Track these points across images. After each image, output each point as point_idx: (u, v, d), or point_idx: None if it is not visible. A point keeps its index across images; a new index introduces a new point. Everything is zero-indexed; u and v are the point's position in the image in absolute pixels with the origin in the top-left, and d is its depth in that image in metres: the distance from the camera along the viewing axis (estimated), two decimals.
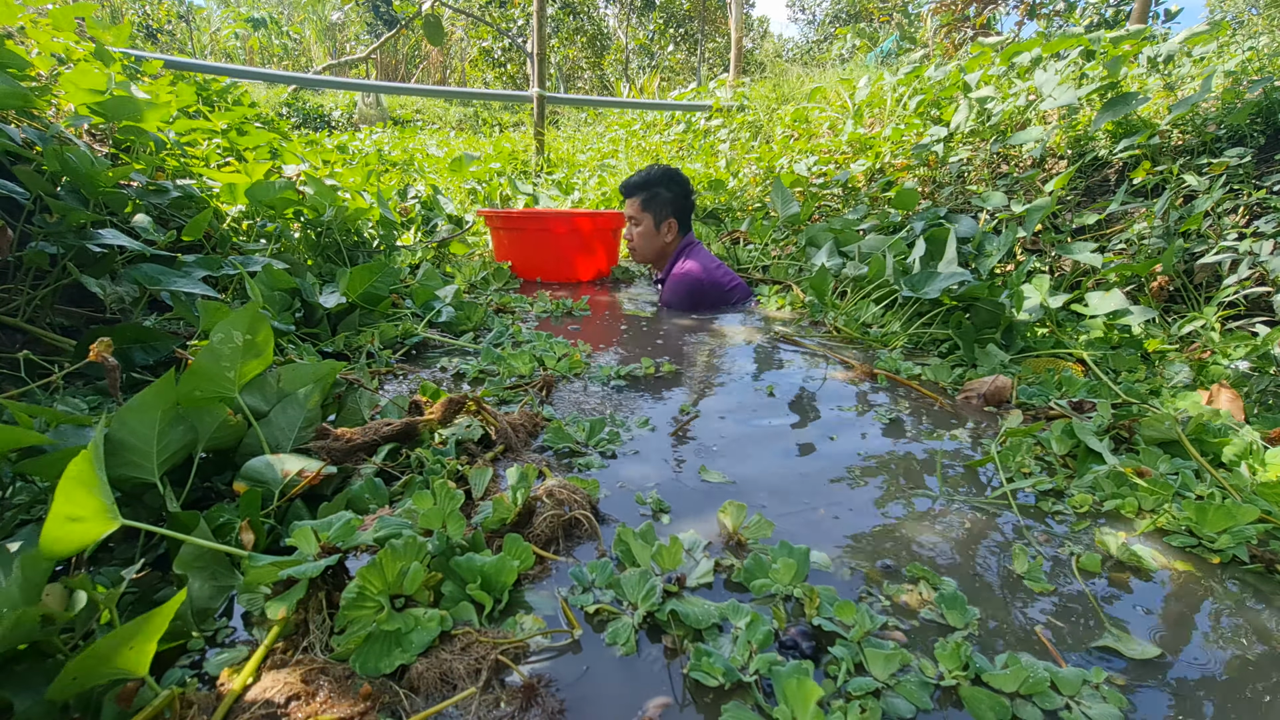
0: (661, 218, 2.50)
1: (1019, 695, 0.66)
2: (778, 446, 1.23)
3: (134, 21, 12.28)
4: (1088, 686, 0.67)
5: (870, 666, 0.69)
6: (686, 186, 2.51)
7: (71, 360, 1.27)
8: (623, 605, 0.76)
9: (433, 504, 0.86)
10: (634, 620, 0.73)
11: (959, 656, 0.69)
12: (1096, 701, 0.66)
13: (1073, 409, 1.36)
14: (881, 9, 13.28)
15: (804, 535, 0.94)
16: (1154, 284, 2.09)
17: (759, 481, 1.09)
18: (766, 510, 1.00)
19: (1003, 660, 0.69)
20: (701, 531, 0.92)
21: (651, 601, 0.75)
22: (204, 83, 3.74)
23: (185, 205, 1.86)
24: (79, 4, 2.19)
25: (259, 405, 1.06)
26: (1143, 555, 0.90)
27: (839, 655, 0.69)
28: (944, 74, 3.76)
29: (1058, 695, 0.66)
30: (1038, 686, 0.65)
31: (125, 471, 0.83)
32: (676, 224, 2.51)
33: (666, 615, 0.73)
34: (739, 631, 0.71)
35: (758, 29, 22.48)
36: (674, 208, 2.49)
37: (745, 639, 0.70)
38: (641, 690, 0.66)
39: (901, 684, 0.67)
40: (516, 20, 12.99)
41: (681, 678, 0.67)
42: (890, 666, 0.68)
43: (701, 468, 1.12)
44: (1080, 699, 0.66)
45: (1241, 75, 2.70)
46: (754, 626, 0.71)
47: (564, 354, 1.65)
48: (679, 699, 0.65)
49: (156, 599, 0.78)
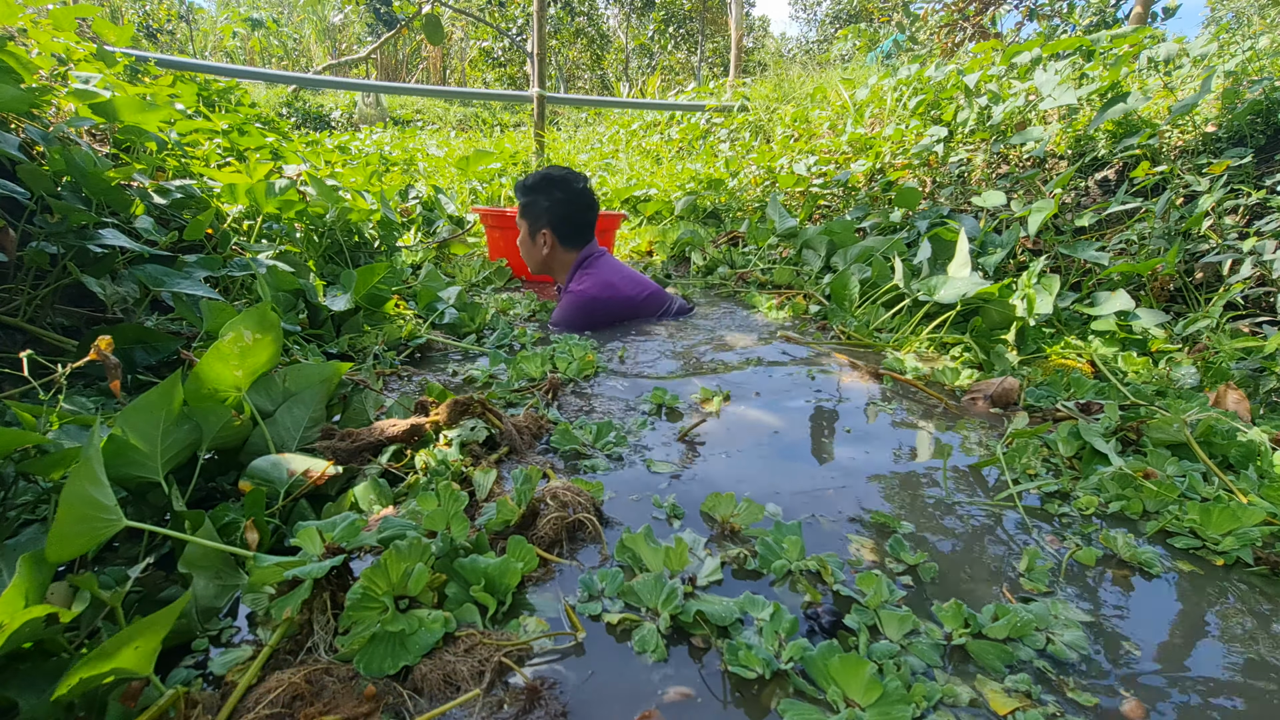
0: (536, 228, 2.22)
1: (1011, 639, 0.74)
2: (782, 448, 1.23)
3: (134, 22, 12.28)
4: (1054, 619, 0.77)
5: (886, 629, 0.75)
6: (574, 195, 2.20)
7: (73, 360, 1.27)
8: (642, 611, 0.77)
9: (437, 505, 0.86)
10: (659, 625, 0.74)
11: (960, 615, 0.76)
12: (1065, 629, 0.76)
13: (1080, 411, 1.36)
14: (881, 9, 13.29)
15: (808, 536, 0.94)
16: (1155, 284, 2.09)
17: (763, 482, 1.09)
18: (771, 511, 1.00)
19: (991, 612, 0.76)
20: (695, 529, 0.94)
21: (675, 604, 0.75)
22: (205, 83, 3.74)
23: (186, 205, 1.86)
24: (80, 4, 2.18)
25: (265, 405, 1.06)
26: (1146, 556, 0.90)
27: (854, 625, 0.74)
28: (944, 74, 3.76)
29: (1038, 634, 0.75)
30: (1024, 629, 0.74)
31: (129, 470, 0.83)
32: (553, 236, 2.21)
33: (692, 616, 0.74)
34: (763, 623, 0.73)
35: (759, 28, 22.49)
36: (551, 218, 2.19)
37: (772, 629, 0.72)
38: (659, 692, 0.66)
39: (914, 645, 0.73)
40: (516, 20, 13.00)
41: (700, 675, 0.68)
42: (904, 627, 0.74)
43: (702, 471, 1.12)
44: (1053, 630, 0.76)
45: (1242, 75, 2.70)
46: (778, 617, 0.73)
47: (578, 357, 1.63)
48: (721, 696, 0.66)
49: (161, 598, 0.77)
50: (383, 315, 1.89)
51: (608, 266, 2.22)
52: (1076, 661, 0.72)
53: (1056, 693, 0.69)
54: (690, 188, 4.25)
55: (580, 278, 2.18)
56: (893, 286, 2.14)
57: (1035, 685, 0.68)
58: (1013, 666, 0.71)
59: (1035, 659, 0.72)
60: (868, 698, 0.64)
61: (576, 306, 2.13)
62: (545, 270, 2.32)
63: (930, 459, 1.20)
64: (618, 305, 2.17)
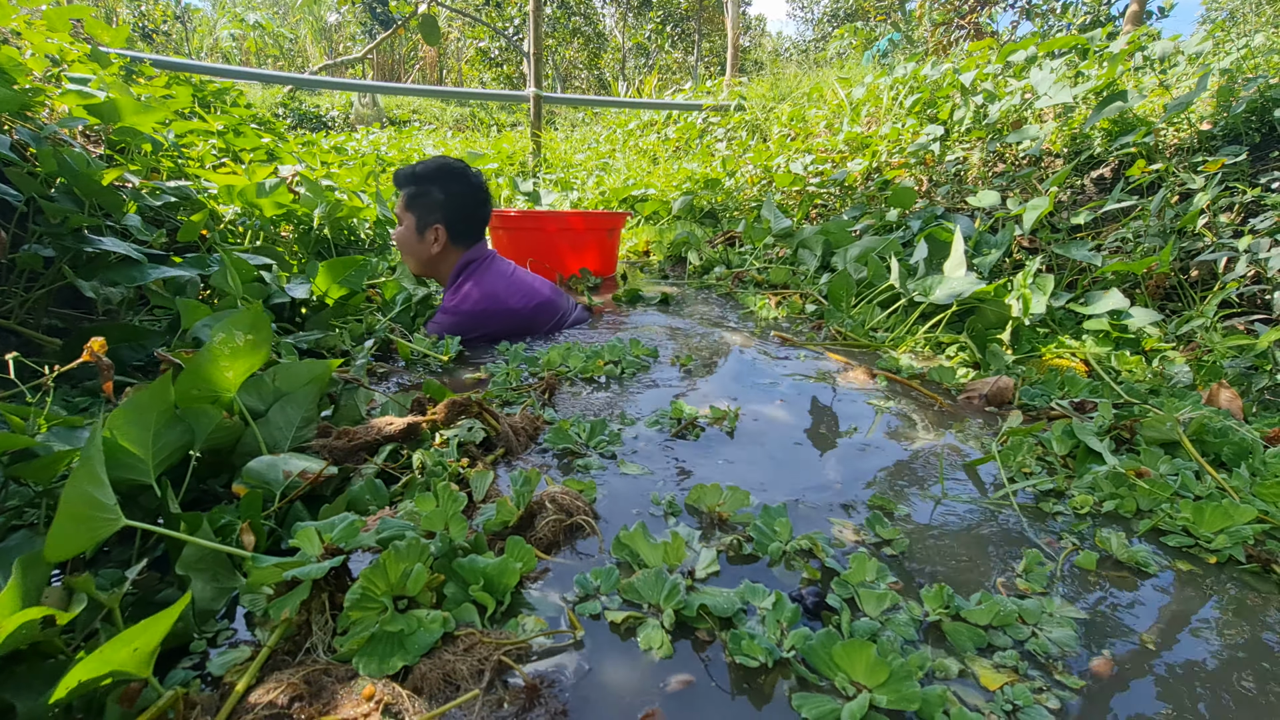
0: (426, 222, 1.97)
1: (992, 627, 0.76)
2: (777, 446, 1.23)
3: (129, 22, 12.24)
4: (1046, 615, 0.78)
5: (863, 605, 0.78)
6: (471, 188, 2.00)
7: (59, 360, 1.26)
8: (644, 608, 0.77)
9: (435, 506, 0.86)
10: (663, 621, 0.74)
11: (941, 597, 0.78)
12: (1055, 627, 0.76)
13: (1074, 409, 1.36)
14: (878, 8, 13.31)
15: (799, 530, 0.94)
16: (1150, 282, 2.10)
17: (753, 480, 1.09)
18: None
19: (977, 598, 0.78)
20: (685, 522, 0.95)
21: (678, 599, 0.76)
22: (200, 84, 3.73)
23: (180, 207, 1.85)
24: (75, 5, 2.18)
25: (255, 405, 1.06)
26: (1140, 555, 0.90)
27: (835, 603, 0.77)
28: (940, 73, 3.77)
29: (1024, 626, 0.76)
30: (1008, 619, 0.76)
31: (120, 473, 0.82)
32: (444, 232, 1.98)
33: (695, 610, 0.75)
34: (765, 611, 0.75)
35: (755, 27, 22.49)
36: (445, 213, 1.97)
37: (774, 618, 0.74)
38: (658, 687, 0.66)
39: (892, 620, 0.76)
40: (513, 20, 12.99)
41: (706, 668, 0.69)
42: (882, 604, 0.78)
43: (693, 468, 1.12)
44: (1041, 626, 0.76)
45: (1237, 73, 2.71)
46: (780, 605, 0.75)
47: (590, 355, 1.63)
48: (726, 687, 0.67)
49: (156, 600, 0.77)
50: (352, 310, 1.88)
51: (495, 273, 2.01)
52: (1058, 655, 0.73)
53: (1043, 670, 0.71)
54: (687, 187, 4.26)
55: (462, 286, 1.96)
56: (888, 286, 2.14)
57: (1022, 661, 0.71)
58: (985, 650, 0.73)
59: (1011, 647, 0.74)
60: (875, 679, 0.65)
61: (454, 324, 1.91)
62: (429, 271, 2.06)
63: (926, 458, 1.21)
64: (501, 318, 1.97)
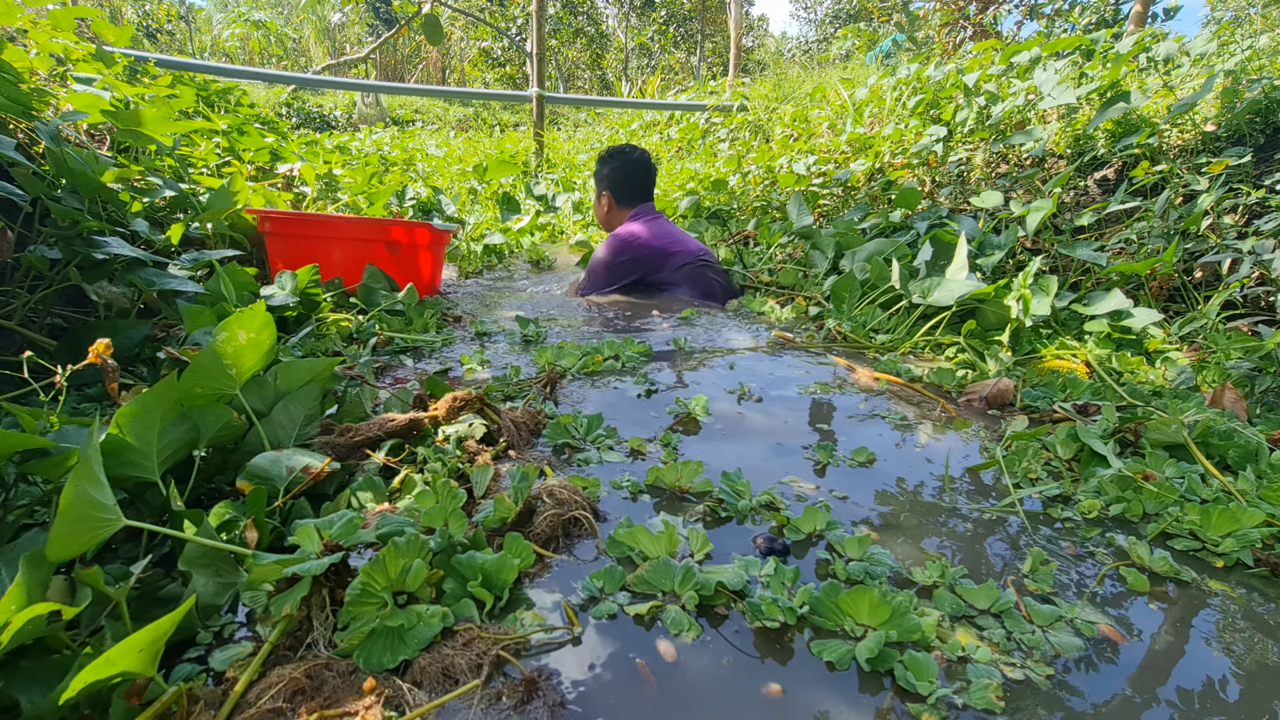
0: (600, 191, 2.77)
1: (989, 613, 0.78)
2: (773, 447, 1.23)
3: (134, 22, 12.28)
4: (1063, 622, 0.78)
5: (845, 550, 0.88)
6: (625, 163, 2.70)
7: (58, 360, 1.27)
8: (659, 596, 0.80)
9: (435, 502, 0.87)
10: (685, 603, 0.77)
11: (939, 567, 0.84)
12: (1059, 633, 0.76)
13: (1078, 412, 1.35)
14: (881, 8, 13.29)
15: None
16: (1154, 283, 2.09)
17: (754, 480, 1.09)
18: None
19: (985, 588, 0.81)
20: (670, 512, 0.99)
21: (694, 581, 0.79)
22: (204, 83, 3.75)
23: (181, 208, 1.86)
24: (80, 5, 2.19)
25: (258, 404, 1.06)
26: (1148, 558, 0.90)
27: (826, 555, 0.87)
28: (943, 73, 3.76)
29: (1028, 624, 0.77)
30: (1005, 606, 0.78)
31: (126, 471, 0.83)
32: (610, 196, 2.73)
33: (714, 589, 0.78)
34: (767, 577, 0.82)
35: (758, 28, 22.49)
36: (609, 182, 2.71)
37: (779, 581, 0.81)
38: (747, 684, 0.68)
39: (874, 556, 0.86)
40: (516, 20, 13.00)
41: (725, 637, 0.74)
42: (863, 548, 0.87)
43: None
44: (1050, 629, 0.76)
45: (1241, 74, 2.70)
46: (780, 571, 0.82)
47: (588, 352, 1.63)
48: (751, 652, 0.72)
49: (160, 596, 0.78)
50: (325, 311, 1.89)
51: (648, 221, 2.64)
52: (1053, 655, 0.73)
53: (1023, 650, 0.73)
54: (690, 188, 4.25)
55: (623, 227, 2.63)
56: (890, 288, 2.14)
57: (1008, 642, 0.73)
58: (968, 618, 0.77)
59: (995, 626, 0.76)
60: (878, 618, 0.72)
61: (605, 245, 2.57)
62: (607, 226, 2.78)
63: (928, 462, 1.20)
64: (640, 250, 2.53)
